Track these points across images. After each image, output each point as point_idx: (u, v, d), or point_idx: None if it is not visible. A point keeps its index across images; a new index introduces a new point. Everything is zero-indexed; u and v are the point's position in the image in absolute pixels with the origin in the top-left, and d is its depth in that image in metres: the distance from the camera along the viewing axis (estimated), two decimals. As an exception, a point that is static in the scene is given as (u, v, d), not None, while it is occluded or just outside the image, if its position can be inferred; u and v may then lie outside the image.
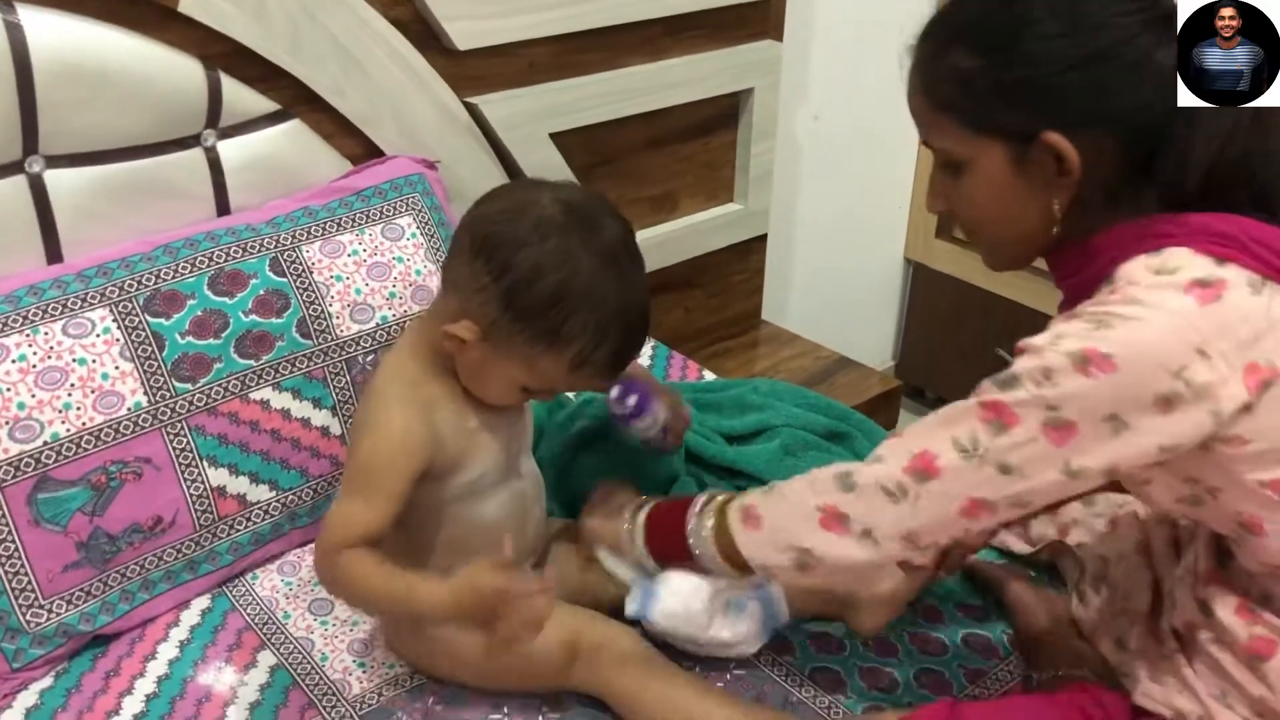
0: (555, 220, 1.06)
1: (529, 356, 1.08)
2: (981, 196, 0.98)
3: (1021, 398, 0.88)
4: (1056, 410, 0.87)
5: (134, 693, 1.16)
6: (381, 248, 1.42)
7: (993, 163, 0.95)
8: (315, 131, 1.49)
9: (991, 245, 1.04)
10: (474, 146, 1.63)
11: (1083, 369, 0.85)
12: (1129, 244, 0.91)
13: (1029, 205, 0.96)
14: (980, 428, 0.90)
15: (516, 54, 1.64)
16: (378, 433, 1.09)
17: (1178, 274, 0.87)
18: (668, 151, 1.95)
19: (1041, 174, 0.93)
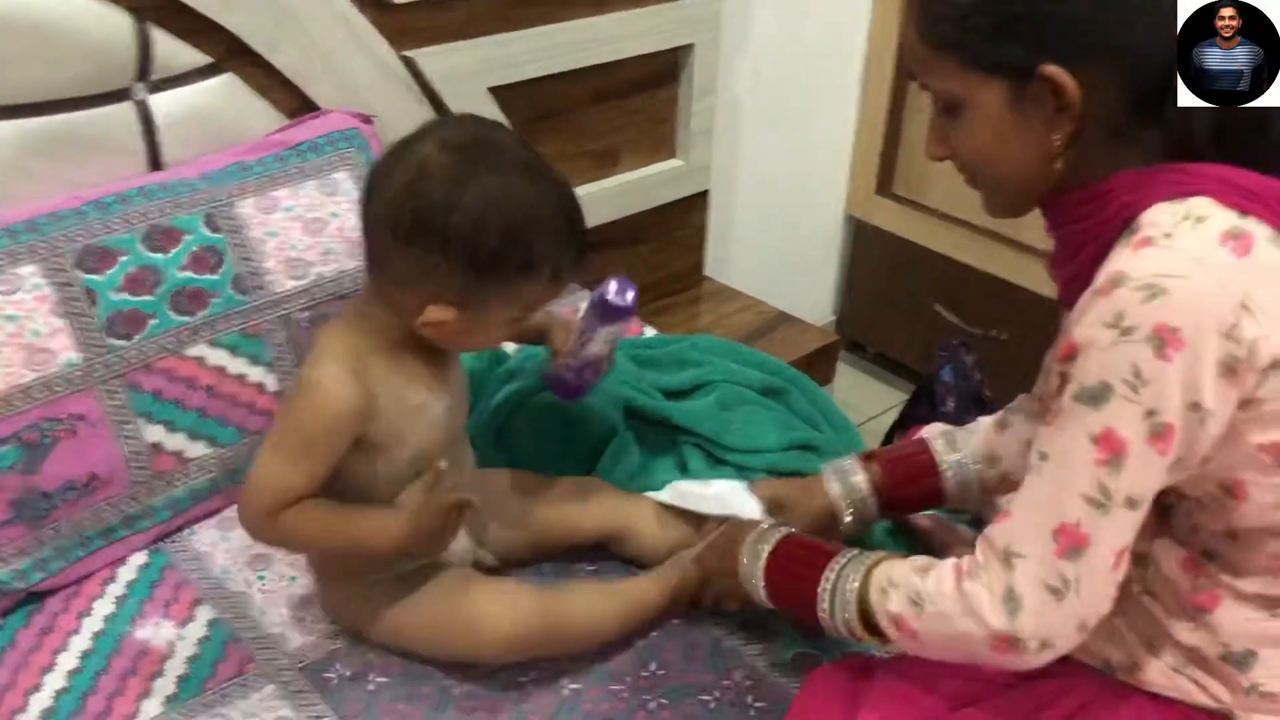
0: (456, 168, 1.05)
1: (509, 296, 1.10)
2: (981, 136, 0.96)
3: (1124, 414, 0.84)
4: (1156, 415, 0.84)
5: (69, 649, 1.16)
6: (317, 203, 1.42)
7: (992, 100, 0.93)
8: (249, 85, 1.47)
9: (992, 188, 1.01)
10: (411, 101, 1.62)
11: (1161, 353, 0.83)
12: (1145, 189, 0.89)
13: (1029, 144, 0.94)
14: (1102, 471, 0.86)
15: (454, 7, 1.63)
16: (313, 395, 1.08)
17: (1208, 224, 0.86)
18: (610, 106, 1.94)
19: (1041, 110, 0.91)
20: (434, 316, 1.08)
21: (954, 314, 2.48)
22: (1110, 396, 0.85)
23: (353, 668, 1.15)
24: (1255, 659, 0.95)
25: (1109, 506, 0.86)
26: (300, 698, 1.11)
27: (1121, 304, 0.84)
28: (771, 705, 1.13)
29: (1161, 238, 0.86)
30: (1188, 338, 0.82)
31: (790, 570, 1.11)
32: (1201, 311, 0.83)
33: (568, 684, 1.15)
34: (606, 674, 1.16)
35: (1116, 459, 0.85)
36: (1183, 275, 0.83)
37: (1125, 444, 0.85)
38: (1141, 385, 0.83)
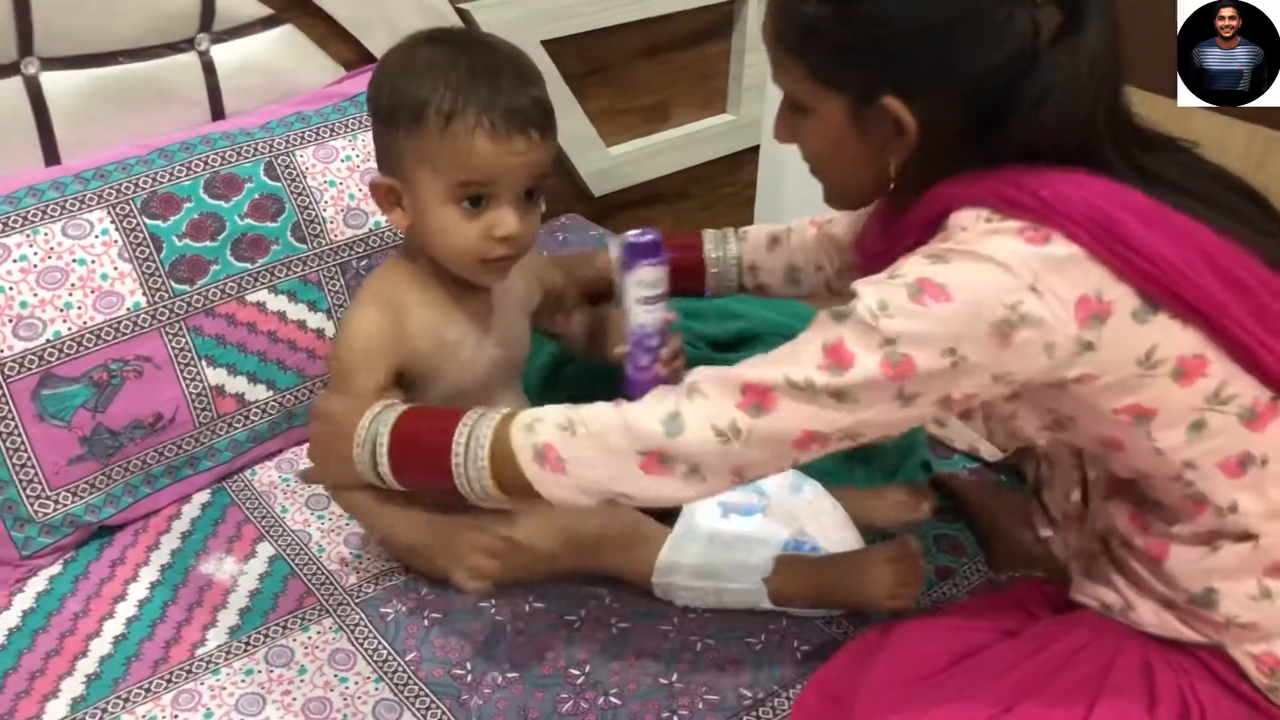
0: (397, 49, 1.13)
1: (427, 154, 1.07)
2: (820, 142, 0.99)
3: (858, 332, 0.87)
4: (894, 345, 0.86)
5: (139, 580, 1.21)
6: (374, 153, 1.44)
7: (833, 114, 0.95)
8: (308, 36, 1.50)
9: (828, 187, 1.04)
10: (466, 54, 1.64)
11: (918, 298, 0.86)
12: (961, 197, 0.93)
13: (865, 159, 0.97)
14: (822, 370, 0.88)
15: (509, -43, 1.65)
16: (345, 335, 1.15)
17: (1008, 222, 0.89)
18: (661, 60, 1.95)
19: (879, 133, 0.94)
20: (378, 180, 1.12)
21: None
22: (850, 316, 0.88)
23: (408, 604, 1.19)
24: (1218, 595, 0.96)
25: (812, 396, 0.88)
26: (357, 630, 1.15)
27: (903, 265, 0.89)
28: (815, 649, 1.15)
29: (958, 230, 0.90)
30: (956, 295, 0.85)
31: (417, 431, 1.06)
32: (978, 277, 0.86)
33: (616, 623, 1.17)
34: (656, 614, 1.19)
35: (838, 366, 0.87)
36: (967, 252, 0.87)
37: (850, 356, 0.87)
38: (883, 314, 0.86)
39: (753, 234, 1.36)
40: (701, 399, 0.92)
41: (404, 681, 1.10)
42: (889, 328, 0.86)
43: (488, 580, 1.06)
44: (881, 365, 0.87)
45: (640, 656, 1.14)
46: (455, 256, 1.12)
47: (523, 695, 1.09)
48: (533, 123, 1.07)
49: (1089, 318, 0.87)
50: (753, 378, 0.90)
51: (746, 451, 0.91)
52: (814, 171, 1.04)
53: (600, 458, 0.95)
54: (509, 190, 1.09)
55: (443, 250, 1.12)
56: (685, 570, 1.17)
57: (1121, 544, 1.03)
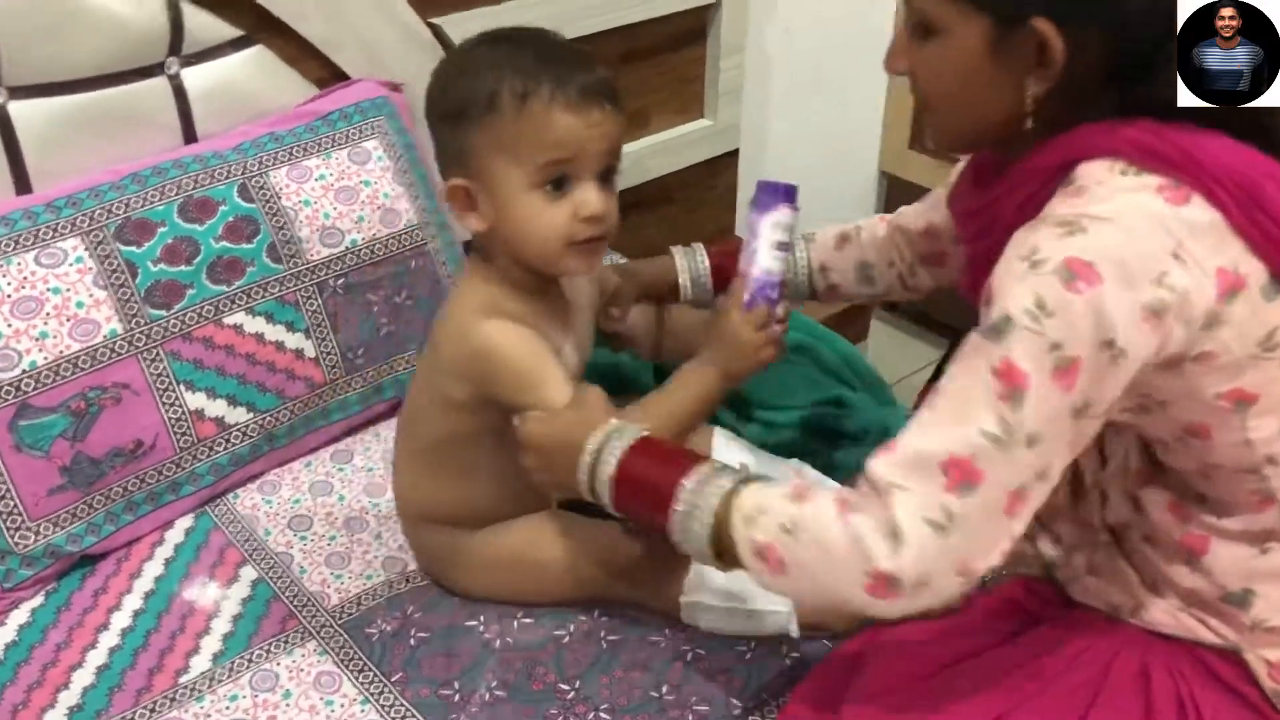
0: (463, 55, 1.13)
1: (504, 141, 1.04)
2: (948, 71, 0.91)
3: (1026, 345, 0.79)
4: (1060, 349, 0.79)
5: (122, 609, 1.20)
6: (349, 171, 1.44)
7: (970, 37, 0.88)
8: (279, 57, 1.49)
9: (945, 124, 0.97)
10: (440, 68, 1.63)
11: (1071, 285, 0.79)
12: (1095, 146, 0.87)
13: (996, 91, 0.90)
14: (1002, 405, 0.80)
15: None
16: (492, 343, 1.09)
17: (1145, 176, 0.84)
18: (638, 67, 1.95)
19: (1019, 61, 0.87)
20: (453, 183, 1.09)
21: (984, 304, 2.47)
22: (1011, 328, 0.80)
23: (392, 624, 1.18)
24: (1254, 596, 0.95)
25: (1009, 444, 0.81)
26: (342, 652, 1.15)
27: (1037, 238, 0.82)
28: (805, 656, 1.14)
29: (1094, 185, 0.84)
30: (1105, 274, 0.79)
31: (641, 481, 1.00)
32: (1126, 252, 0.80)
33: (605, 636, 1.17)
34: (645, 626, 1.18)
35: (1018, 392, 0.80)
36: (1108, 218, 0.81)
37: (1026, 377, 0.80)
38: (1045, 316, 0.79)
39: (820, 235, 1.32)
40: (902, 494, 0.83)
41: (391, 702, 1.09)
42: (1055, 330, 0.79)
43: None
44: (1053, 376, 0.80)
45: (630, 669, 1.13)
46: (541, 246, 1.08)
47: (512, 713, 1.09)
48: (606, 95, 1.07)
49: (1227, 290, 0.82)
50: (947, 451, 0.82)
51: (966, 541, 0.83)
52: (927, 106, 0.97)
53: (823, 570, 0.88)
54: (589, 167, 1.06)
55: (527, 242, 1.08)
56: (713, 589, 1.15)
57: (1145, 538, 0.99)
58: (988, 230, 0.95)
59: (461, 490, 1.20)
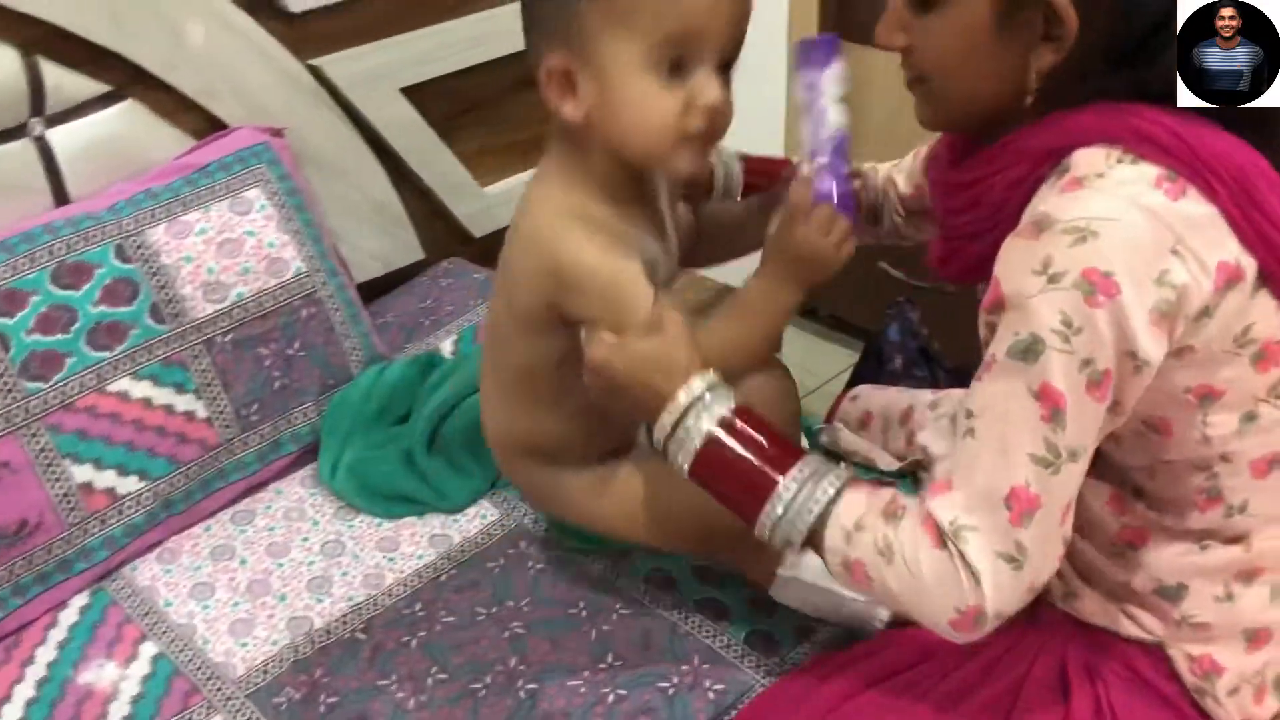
0: None
1: (620, 10, 0.91)
2: (951, 42, 0.88)
3: (1060, 366, 0.80)
4: (1092, 364, 0.80)
5: (13, 700, 1.14)
6: (231, 223, 1.40)
7: (977, 7, 0.86)
8: (151, 111, 1.44)
9: (941, 100, 0.94)
10: (321, 109, 1.60)
11: (1092, 299, 0.79)
12: (1092, 130, 0.85)
13: (998, 65, 0.87)
14: (1046, 428, 0.81)
15: (358, 10, 1.60)
16: (575, 258, 0.97)
17: (1142, 166, 0.83)
18: (533, 94, 1.91)
19: (1026, 34, 0.85)
20: (551, 62, 0.94)
21: (899, 269, 2.48)
22: (1043, 349, 0.80)
23: (302, 690, 1.14)
24: (1186, 591, 0.95)
25: (1057, 464, 0.82)
26: (249, 726, 1.10)
27: (1048, 248, 0.80)
28: (729, 688, 1.12)
29: (1093, 177, 0.83)
30: (1120, 282, 0.79)
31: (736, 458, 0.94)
32: (1134, 255, 0.80)
33: (523, 685, 1.14)
34: (563, 670, 1.15)
35: (1058, 413, 0.81)
36: (1114, 218, 0.80)
37: (1063, 396, 0.81)
38: (1073, 334, 0.80)
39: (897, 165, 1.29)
40: (972, 534, 0.84)
41: (301, 775, 1.06)
42: (1084, 347, 0.80)
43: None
44: (1088, 390, 0.81)
45: (549, 718, 1.10)
46: (651, 137, 0.95)
47: (428, 774, 1.05)
48: None
49: (1224, 284, 0.82)
50: (1007, 485, 0.83)
51: (1036, 565, 0.85)
52: (917, 80, 0.93)
53: (910, 597, 0.87)
54: (712, 52, 0.94)
55: (635, 131, 0.95)
56: (814, 568, 1.09)
57: (1080, 528, 0.97)
58: (971, 205, 0.94)
59: (551, 423, 1.12)
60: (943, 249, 1.01)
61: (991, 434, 0.84)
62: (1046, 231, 0.81)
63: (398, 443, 1.39)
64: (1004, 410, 0.83)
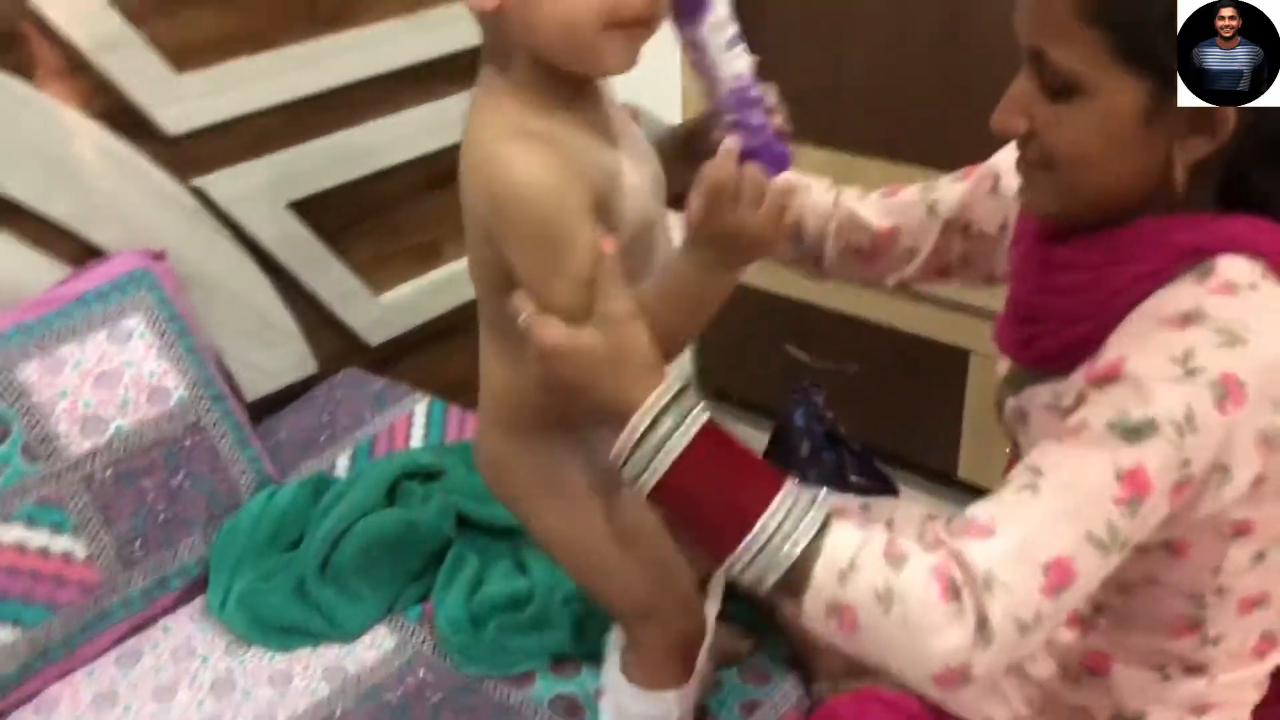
0: None
1: None
2: (1090, 134, 0.82)
3: (1161, 457, 0.76)
4: (1188, 466, 0.76)
5: None
6: (109, 354, 1.36)
7: (1124, 100, 0.80)
8: (24, 240, 1.41)
9: (1069, 189, 0.86)
10: (205, 229, 1.57)
11: (1222, 405, 0.75)
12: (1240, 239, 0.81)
13: (1138, 157, 0.83)
14: (1119, 511, 0.76)
15: (240, 129, 1.59)
16: (514, 184, 0.84)
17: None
18: (428, 199, 1.91)
19: (1173, 127, 0.81)
20: None
21: (804, 352, 2.50)
22: (1154, 435, 0.76)
23: None
24: (1145, 717, 0.94)
25: (1109, 550, 0.77)
26: None
27: (1194, 341, 0.77)
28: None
29: (1246, 287, 0.80)
30: (1250, 395, 0.76)
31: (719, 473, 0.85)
32: (1270, 374, 0.77)
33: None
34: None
35: (1137, 500, 0.76)
36: (1265, 331, 0.77)
37: (1150, 487, 0.76)
38: (1190, 432, 0.76)
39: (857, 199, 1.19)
40: (1003, 590, 0.76)
41: None
42: (1192, 447, 0.76)
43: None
44: (1173, 489, 0.77)
45: None
46: (575, 25, 0.83)
47: None
48: None
49: None
50: (1054, 552, 0.76)
51: (1032, 642, 0.78)
52: (1040, 165, 0.86)
53: (901, 647, 0.78)
54: None
55: (557, 20, 0.84)
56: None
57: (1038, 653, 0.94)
58: (1086, 288, 0.88)
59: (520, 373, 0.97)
60: (1026, 330, 0.95)
61: (1057, 496, 0.78)
62: (1196, 325, 0.78)
63: (289, 570, 1.36)
64: (1080, 479, 0.78)
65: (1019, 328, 0.95)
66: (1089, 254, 0.88)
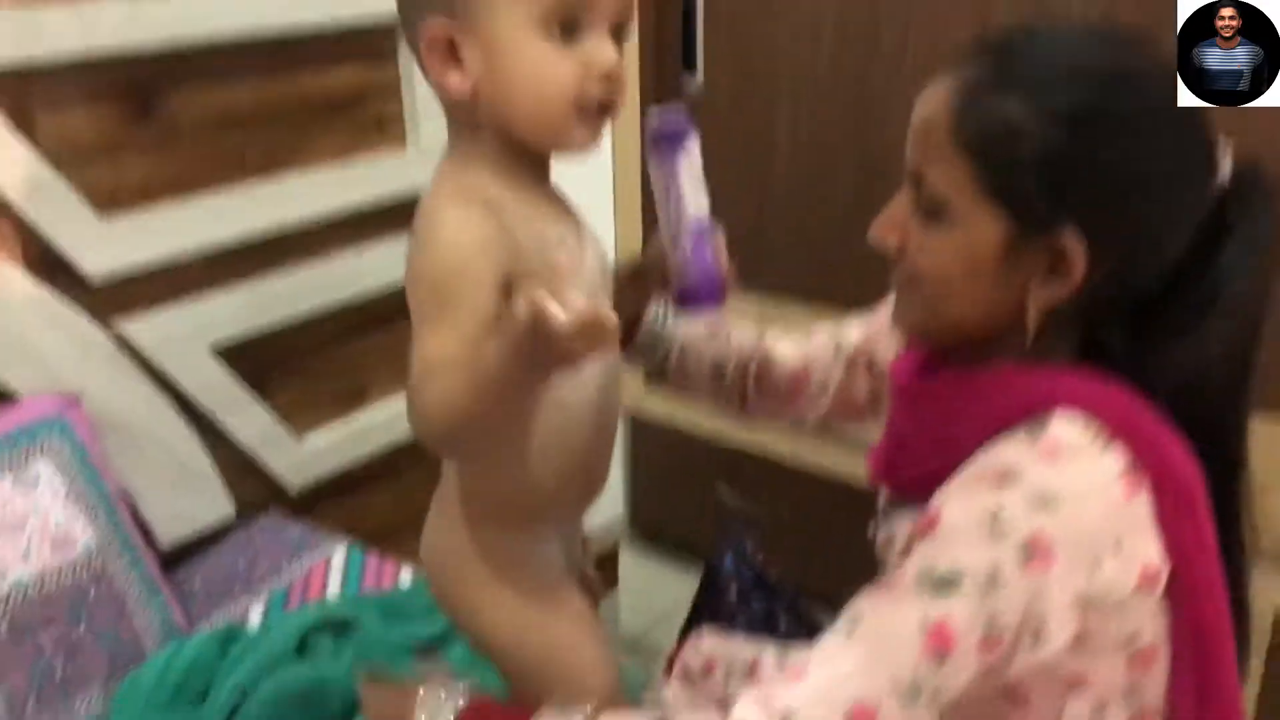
0: None
1: None
2: (951, 260, 0.85)
3: (967, 612, 0.78)
4: (995, 623, 0.78)
5: None
6: (13, 501, 1.33)
7: (986, 231, 0.83)
8: (-66, 386, 1.39)
9: (930, 310, 0.90)
10: (126, 374, 1.55)
11: (1028, 567, 0.78)
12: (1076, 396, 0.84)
13: (995, 292, 0.85)
14: (924, 663, 0.78)
15: (166, 273, 1.58)
16: (436, 240, 0.88)
17: (1111, 454, 0.82)
18: (354, 342, 1.92)
19: (1030, 268, 0.83)
20: (433, 28, 0.87)
21: (736, 494, 2.50)
22: (959, 590, 0.78)
23: None
24: None
25: (915, 702, 0.78)
26: None
27: (1007, 500, 0.79)
28: None
29: (1072, 451, 0.82)
30: (1059, 557, 0.78)
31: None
32: (1080, 540, 0.80)
33: None
34: None
35: (943, 653, 0.78)
36: (1078, 498, 0.80)
37: (955, 641, 0.78)
38: (994, 590, 0.78)
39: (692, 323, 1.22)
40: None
41: None
42: (998, 603, 0.78)
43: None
44: (980, 646, 0.78)
45: None
46: (546, 106, 0.89)
47: None
48: None
49: (1143, 585, 0.82)
50: (857, 698, 0.77)
51: None
52: (908, 283, 0.90)
53: None
54: (604, 13, 0.88)
55: (528, 100, 0.89)
56: None
57: None
58: (941, 423, 0.91)
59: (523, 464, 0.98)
60: (893, 456, 0.98)
61: (866, 643, 0.80)
62: (1012, 485, 0.80)
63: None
64: (889, 629, 0.80)
65: (889, 455, 0.99)
66: (948, 392, 0.91)
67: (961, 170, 0.83)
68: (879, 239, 0.91)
